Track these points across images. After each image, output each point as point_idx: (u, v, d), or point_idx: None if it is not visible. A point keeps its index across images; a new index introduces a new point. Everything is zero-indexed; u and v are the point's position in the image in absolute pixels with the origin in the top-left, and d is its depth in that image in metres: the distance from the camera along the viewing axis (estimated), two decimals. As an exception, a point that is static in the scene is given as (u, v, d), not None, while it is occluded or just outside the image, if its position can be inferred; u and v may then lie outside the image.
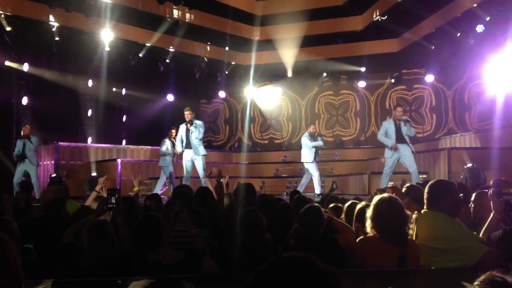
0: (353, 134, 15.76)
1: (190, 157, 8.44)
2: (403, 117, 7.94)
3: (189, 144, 8.37)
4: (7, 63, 11.74)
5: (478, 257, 2.44)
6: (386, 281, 2.37)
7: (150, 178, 11.58)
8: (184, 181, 8.32)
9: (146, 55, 12.81)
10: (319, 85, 15.97)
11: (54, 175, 8.81)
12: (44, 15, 10.85)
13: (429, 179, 7.83)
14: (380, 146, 10.00)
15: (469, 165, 8.84)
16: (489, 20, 10.19)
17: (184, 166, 8.53)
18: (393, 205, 2.57)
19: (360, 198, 4.86)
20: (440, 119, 14.47)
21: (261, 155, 15.89)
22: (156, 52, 13.04)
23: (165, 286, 2.43)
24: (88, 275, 2.47)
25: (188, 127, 8.34)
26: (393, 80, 14.67)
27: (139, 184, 6.88)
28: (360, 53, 14.09)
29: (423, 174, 9.38)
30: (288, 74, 14.96)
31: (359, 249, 2.53)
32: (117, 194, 3.28)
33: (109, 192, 3.28)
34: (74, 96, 12.83)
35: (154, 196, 4.88)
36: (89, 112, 14.10)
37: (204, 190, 4.67)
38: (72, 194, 6.90)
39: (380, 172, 9.35)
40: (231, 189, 5.62)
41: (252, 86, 16.25)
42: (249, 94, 16.34)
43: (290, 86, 15.91)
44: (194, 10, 12.41)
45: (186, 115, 8.39)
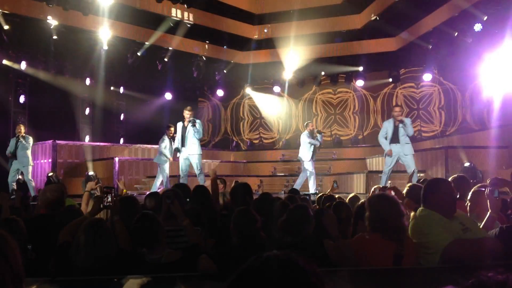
0: (352, 133, 15.75)
1: (187, 155, 8.44)
2: (399, 117, 7.94)
3: (185, 142, 8.37)
4: (4, 62, 11.71)
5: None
6: (381, 280, 2.38)
7: (148, 177, 11.56)
8: (181, 180, 8.31)
9: (144, 53, 12.79)
10: (317, 84, 15.96)
11: (51, 174, 8.79)
12: (42, 13, 10.82)
13: (427, 178, 7.84)
14: (378, 145, 10.00)
15: (467, 164, 8.85)
16: (487, 19, 10.20)
17: (181, 165, 8.52)
18: (390, 201, 2.60)
19: (358, 197, 4.87)
20: (449, 117, 14.22)
21: (258, 153, 15.87)
22: (154, 51, 13.01)
23: (163, 285, 2.43)
24: (85, 274, 2.47)
25: (185, 125, 8.34)
26: (391, 79, 14.66)
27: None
28: (358, 52, 14.09)
29: (421, 173, 9.38)
30: (286, 73, 14.94)
31: (355, 247, 2.54)
32: (113, 193, 3.27)
33: (105, 191, 3.28)
34: (71, 95, 12.79)
35: (154, 195, 4.70)
36: (87, 111, 14.06)
37: (201, 189, 4.66)
38: (70, 192, 6.90)
39: (378, 171, 9.36)
40: (228, 189, 5.61)
41: (250, 85, 16.25)
42: (245, 93, 16.32)
43: (287, 85, 15.88)
44: (192, 9, 12.39)
45: (187, 115, 8.39)
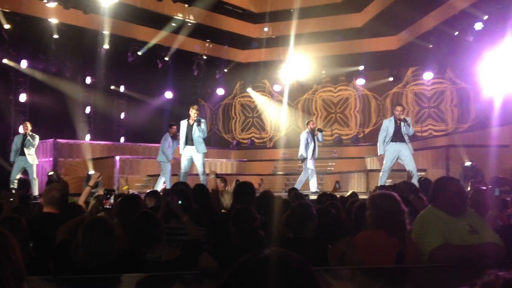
0: (352, 133, 15.72)
1: (189, 154, 8.38)
2: (401, 116, 7.93)
3: (190, 141, 8.28)
4: (5, 61, 11.71)
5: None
6: (384, 278, 2.38)
7: (149, 176, 11.56)
8: (181, 178, 8.28)
9: (145, 52, 12.79)
10: (318, 83, 15.95)
11: (52, 173, 8.76)
12: (43, 12, 10.82)
13: (428, 177, 7.83)
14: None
15: (468, 163, 8.80)
16: (488, 18, 10.18)
17: (182, 163, 8.46)
18: (393, 198, 2.61)
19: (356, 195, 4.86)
20: (461, 115, 14.04)
21: (259, 152, 15.88)
22: (155, 50, 13.01)
23: (164, 283, 2.43)
24: (85, 272, 2.46)
25: (191, 124, 8.29)
26: (391, 78, 14.65)
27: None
28: (359, 51, 14.08)
29: (421, 172, 9.37)
30: (287, 72, 14.93)
31: (358, 244, 2.54)
32: (113, 195, 3.26)
33: (105, 193, 3.26)
34: (72, 94, 12.79)
35: (154, 193, 4.73)
36: (87, 110, 14.07)
37: (201, 187, 4.65)
38: (71, 191, 6.88)
39: (378, 170, 9.34)
40: (228, 187, 5.62)
41: (250, 84, 16.26)
42: (238, 91, 16.33)
43: (288, 84, 15.85)
44: (192, 7, 12.39)
45: (193, 114, 8.28)
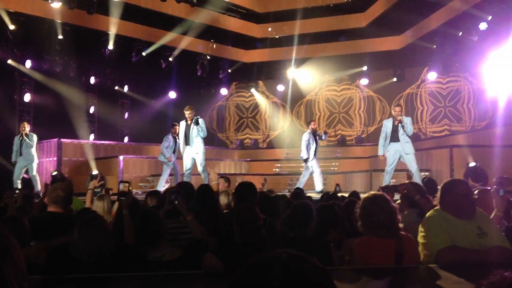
0: (355, 134, 15.68)
1: (191, 154, 8.40)
2: (399, 117, 7.91)
3: (190, 140, 8.30)
4: (9, 61, 11.76)
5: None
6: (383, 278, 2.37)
7: (152, 175, 11.58)
8: (185, 178, 8.29)
9: (149, 52, 12.81)
10: (321, 83, 15.93)
11: (55, 173, 8.77)
12: (47, 12, 10.85)
13: (431, 177, 7.81)
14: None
15: (472, 164, 8.75)
16: (492, 18, 10.14)
17: (184, 163, 8.46)
18: (378, 199, 2.58)
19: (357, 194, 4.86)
20: (479, 113, 13.81)
21: (262, 152, 15.87)
22: (159, 50, 13.03)
23: (167, 283, 2.43)
24: (85, 269, 2.45)
25: (189, 124, 8.30)
26: (395, 79, 14.61)
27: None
28: (362, 51, 14.06)
29: (425, 172, 9.34)
30: (290, 72, 14.92)
31: (356, 251, 2.52)
32: (129, 187, 3.43)
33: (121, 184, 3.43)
34: (76, 93, 12.84)
35: (155, 193, 4.71)
36: (92, 109, 14.12)
37: (205, 188, 4.63)
38: (75, 191, 6.90)
39: (382, 170, 9.32)
40: (232, 187, 5.61)
41: (254, 83, 16.27)
42: (233, 91, 16.35)
43: (291, 83, 15.84)
44: (196, 7, 12.39)
45: (188, 115, 8.27)
